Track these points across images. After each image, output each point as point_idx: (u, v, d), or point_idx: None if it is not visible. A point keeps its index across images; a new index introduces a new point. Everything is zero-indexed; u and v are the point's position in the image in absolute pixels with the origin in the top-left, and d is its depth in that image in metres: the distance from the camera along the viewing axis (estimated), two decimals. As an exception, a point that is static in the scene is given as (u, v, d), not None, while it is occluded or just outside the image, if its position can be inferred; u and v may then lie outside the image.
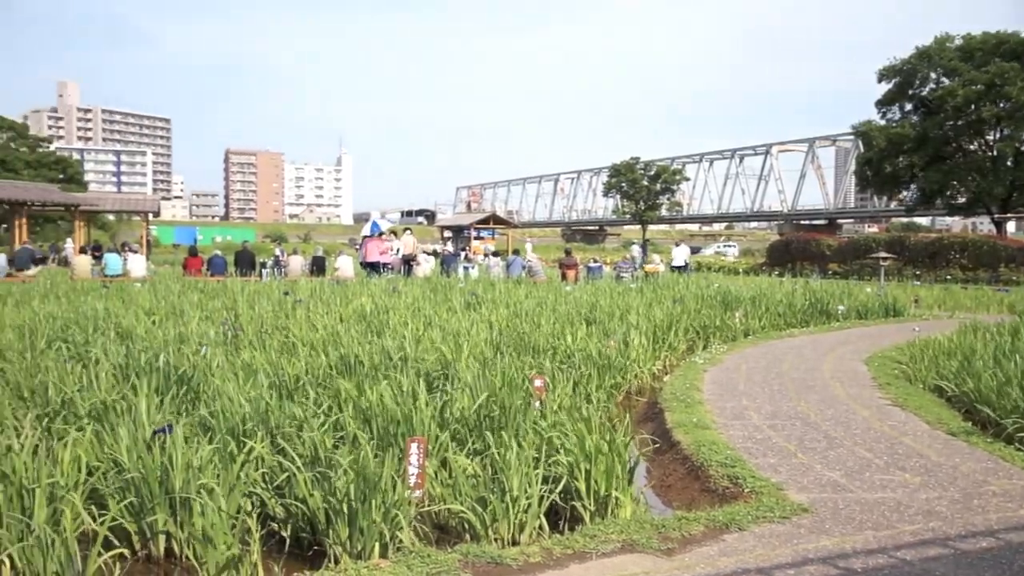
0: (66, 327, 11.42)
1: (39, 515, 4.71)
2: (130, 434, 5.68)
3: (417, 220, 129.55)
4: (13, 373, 8.18)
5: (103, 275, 24.41)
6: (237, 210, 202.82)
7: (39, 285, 18.56)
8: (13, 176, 62.76)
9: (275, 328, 11.94)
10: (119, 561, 5.02)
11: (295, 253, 29.65)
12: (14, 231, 36.93)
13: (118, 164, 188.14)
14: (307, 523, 5.40)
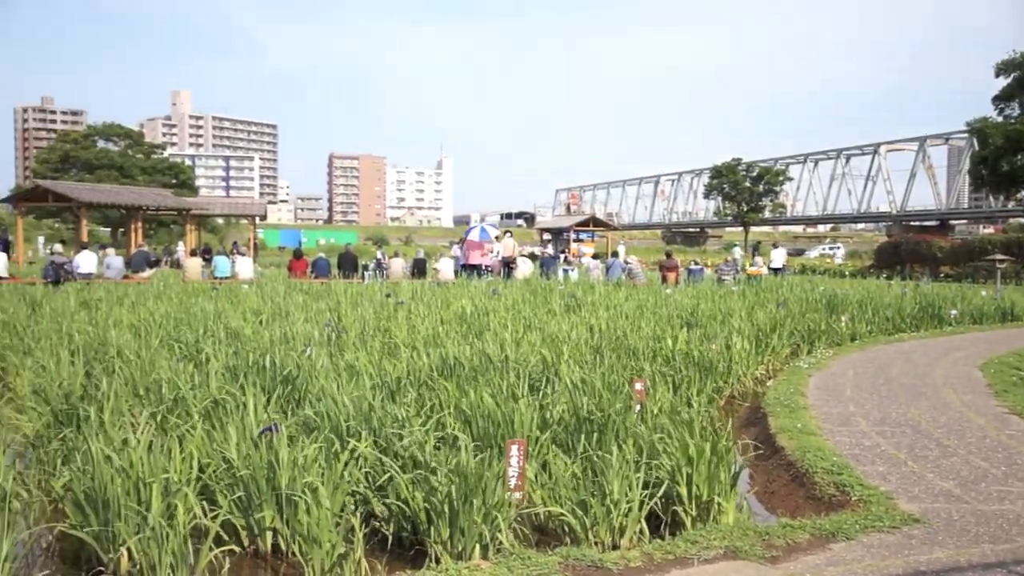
0: (178, 327, 11.80)
1: (154, 509, 4.87)
2: (239, 432, 5.83)
3: (516, 223, 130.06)
4: (130, 372, 8.48)
5: (212, 277, 25.14)
6: (340, 213, 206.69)
7: (153, 287, 19.21)
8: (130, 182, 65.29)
9: (377, 329, 12.12)
10: (228, 556, 5.16)
11: (396, 256, 30.06)
12: (130, 234, 38.36)
13: (227, 169, 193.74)
14: (409, 523, 5.46)
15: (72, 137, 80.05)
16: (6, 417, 7.64)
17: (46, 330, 11.52)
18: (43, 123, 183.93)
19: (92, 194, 36.41)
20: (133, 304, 15.07)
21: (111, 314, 13.21)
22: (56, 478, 5.99)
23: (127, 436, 5.65)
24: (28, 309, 14.63)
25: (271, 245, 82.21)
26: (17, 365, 9.67)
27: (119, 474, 5.07)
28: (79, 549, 5.27)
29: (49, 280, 21.28)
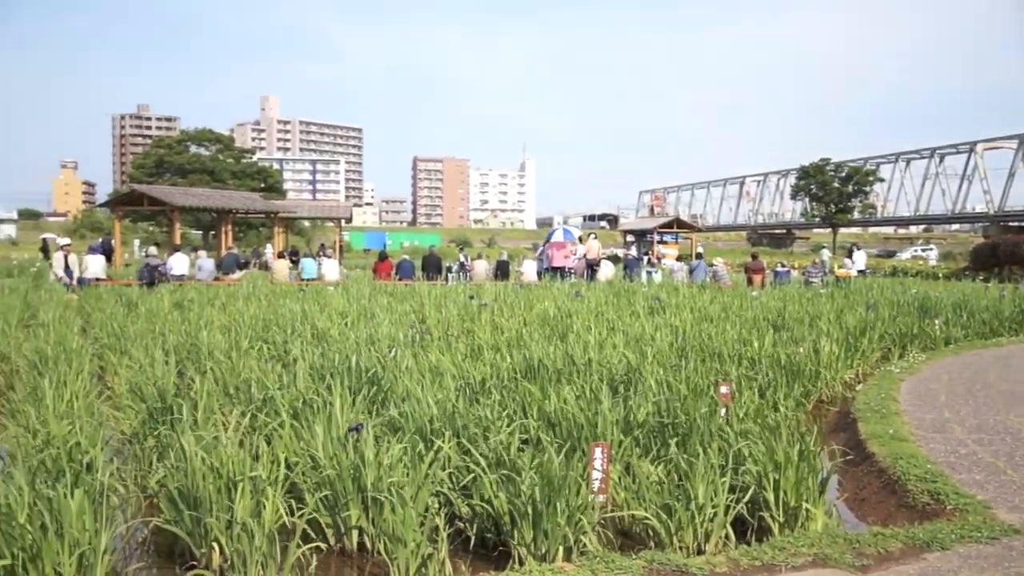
0: (266, 328, 12.04)
1: (244, 506, 4.97)
2: (325, 431, 5.92)
3: (599, 224, 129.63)
4: (220, 371, 8.68)
5: (300, 279, 25.60)
6: (424, 215, 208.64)
7: (242, 288, 19.63)
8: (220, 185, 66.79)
9: (461, 331, 12.19)
10: (315, 553, 5.24)
11: (480, 258, 30.20)
12: (221, 237, 39.22)
13: (314, 173, 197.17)
14: (492, 524, 5.47)
15: (166, 143, 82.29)
16: (105, 414, 7.88)
17: (141, 330, 11.86)
18: (139, 129, 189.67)
19: (185, 198, 37.35)
20: (223, 305, 15.41)
21: (202, 315, 13.55)
22: (151, 474, 6.16)
23: (218, 434, 5.78)
24: (125, 310, 15.09)
25: (356, 247, 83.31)
26: (115, 364, 9.97)
27: (210, 471, 5.19)
28: (173, 543, 5.41)
29: (144, 282, 21.91)
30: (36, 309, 15.70)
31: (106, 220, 77.68)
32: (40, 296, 17.98)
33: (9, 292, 18.36)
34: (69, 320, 12.94)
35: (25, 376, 8.84)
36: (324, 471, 5.55)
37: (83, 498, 4.69)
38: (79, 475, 5.29)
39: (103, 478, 5.49)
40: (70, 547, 4.48)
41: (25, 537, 4.43)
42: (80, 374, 8.28)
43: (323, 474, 5.56)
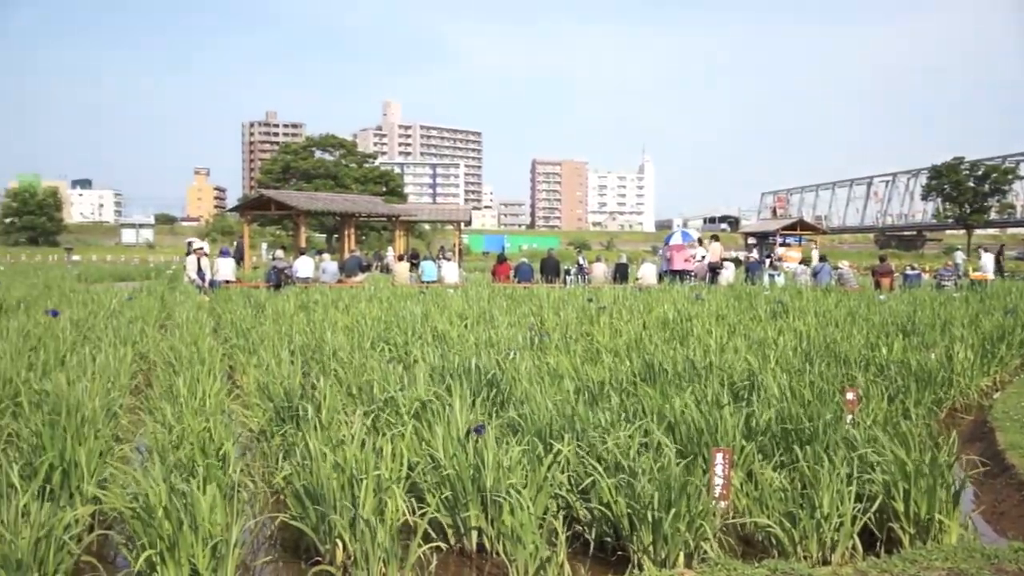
0: (388, 329, 12.25)
1: (366, 504, 5.06)
2: (445, 432, 5.98)
3: (720, 227, 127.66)
4: (343, 372, 8.88)
5: (420, 281, 25.98)
6: (542, 218, 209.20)
7: (365, 290, 20.03)
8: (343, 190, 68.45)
9: (579, 334, 12.17)
10: (436, 552, 5.30)
11: (598, 260, 30.09)
12: (344, 240, 40.12)
13: (434, 176, 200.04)
14: (611, 528, 5.44)
15: (292, 148, 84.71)
16: (235, 412, 8.15)
17: (269, 331, 12.23)
18: (267, 136, 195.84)
19: (310, 202, 38.33)
20: (346, 307, 15.75)
21: (326, 316, 13.88)
22: (278, 471, 6.33)
23: (342, 434, 5.90)
24: (253, 311, 15.59)
25: (475, 250, 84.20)
26: (244, 364, 10.29)
27: (334, 470, 5.31)
28: (299, 539, 5.55)
29: (271, 284, 22.60)
30: (171, 310, 16.37)
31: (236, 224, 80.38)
32: (175, 298, 18.74)
33: (147, 294, 19.19)
34: (202, 321, 13.43)
35: (161, 374, 9.21)
36: (444, 471, 5.61)
37: (215, 493, 4.86)
38: (211, 470, 5.48)
39: (234, 474, 5.68)
40: (204, 539, 4.65)
41: (163, 528, 4.62)
42: (212, 373, 8.58)
43: (443, 474, 5.62)
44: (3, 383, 8.01)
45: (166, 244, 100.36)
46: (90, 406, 6.44)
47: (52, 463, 5.59)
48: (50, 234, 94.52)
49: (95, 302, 16.45)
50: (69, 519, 4.78)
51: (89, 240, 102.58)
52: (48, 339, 10.51)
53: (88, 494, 5.52)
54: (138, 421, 7.98)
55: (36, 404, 6.92)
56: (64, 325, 11.88)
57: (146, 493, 4.76)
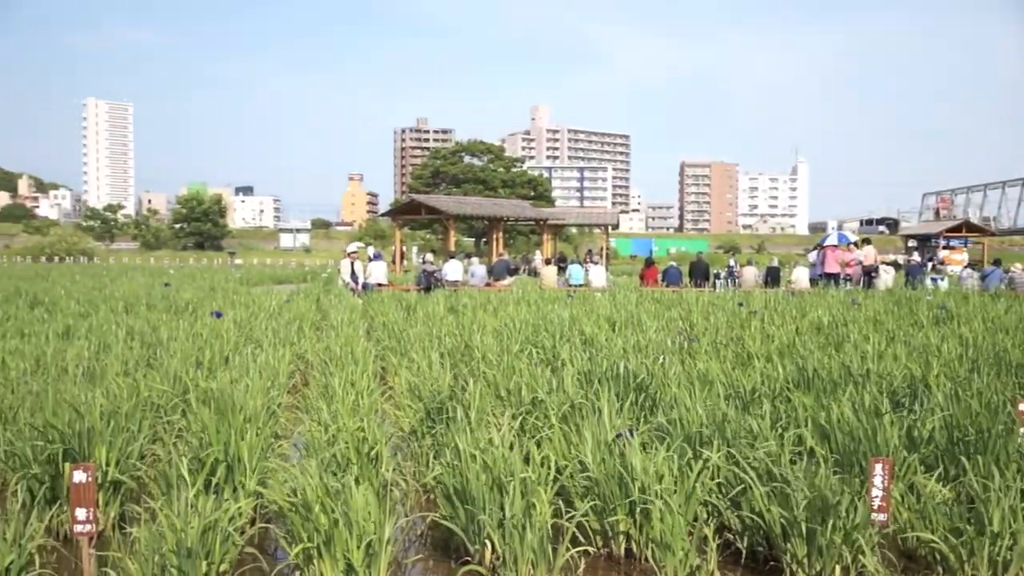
0: (535, 332, 12.31)
1: (514, 506, 5.10)
2: (593, 436, 5.96)
3: (878, 229, 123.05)
4: (492, 374, 8.97)
5: (567, 284, 26.03)
6: (691, 221, 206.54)
7: (513, 293, 20.21)
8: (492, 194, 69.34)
9: (729, 339, 11.95)
10: (584, 556, 5.29)
11: (749, 264, 29.50)
12: (492, 244, 40.67)
13: (581, 180, 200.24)
14: (763, 537, 5.31)
15: (442, 154, 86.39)
16: (387, 412, 8.35)
17: (419, 333, 12.47)
18: (418, 142, 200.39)
19: (459, 206, 39.00)
20: (495, 310, 15.92)
21: (475, 319, 14.05)
22: (428, 471, 6.45)
23: (491, 435, 5.96)
24: (404, 313, 15.95)
25: (623, 254, 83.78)
26: (395, 365, 10.53)
27: (483, 471, 5.37)
28: (448, 538, 5.63)
29: (421, 287, 23.08)
30: (327, 312, 16.91)
31: (388, 228, 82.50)
32: (330, 300, 19.35)
33: (304, 297, 19.89)
34: (355, 323, 13.82)
35: (318, 374, 9.51)
36: (592, 475, 5.59)
37: (369, 491, 4.99)
38: (365, 469, 5.63)
39: (386, 473, 5.81)
40: (358, 536, 4.78)
41: (319, 523, 4.78)
42: (365, 374, 8.82)
43: (591, 478, 5.60)
44: (174, 381, 8.45)
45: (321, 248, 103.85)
46: (252, 404, 6.71)
47: (217, 458, 5.85)
48: (215, 239, 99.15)
49: (256, 304, 17.16)
50: (233, 512, 4.99)
51: (250, 244, 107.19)
52: (213, 339, 11.02)
53: (250, 488, 5.75)
54: (296, 419, 8.28)
55: (203, 401, 7.26)
56: (228, 326, 12.44)
57: (304, 489, 4.92)
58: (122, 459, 6.04)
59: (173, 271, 37.92)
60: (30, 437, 6.07)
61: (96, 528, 4.81)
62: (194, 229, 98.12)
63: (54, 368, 9.27)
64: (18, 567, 4.58)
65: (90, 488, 4.76)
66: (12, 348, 10.35)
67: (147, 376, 8.50)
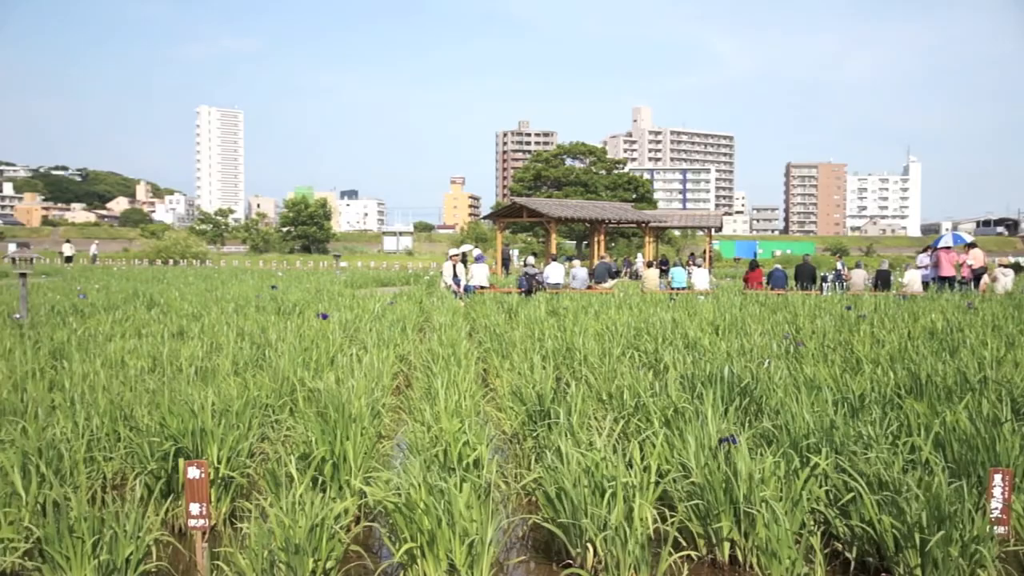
0: (637, 336, 12.23)
1: (617, 510, 5.06)
2: (697, 441, 5.88)
3: (996, 230, 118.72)
4: (594, 378, 8.94)
5: (669, 287, 25.80)
6: (796, 223, 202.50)
7: (614, 297, 20.11)
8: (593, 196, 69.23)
9: (837, 343, 11.66)
10: (687, 561, 5.23)
11: (857, 267, 28.73)
12: (593, 247, 40.56)
13: (684, 182, 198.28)
14: (873, 547, 5.16)
15: (543, 157, 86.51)
16: (488, 414, 8.40)
17: (521, 336, 12.51)
18: (519, 145, 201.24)
19: (560, 209, 39.00)
20: (596, 313, 15.87)
21: (577, 322, 14.02)
22: (530, 473, 6.46)
23: (593, 438, 5.93)
24: (505, 316, 16.02)
25: (726, 256, 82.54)
26: (497, 367, 10.58)
27: (585, 474, 5.34)
28: (549, 540, 5.63)
29: (523, 290, 23.14)
30: (429, 314, 17.11)
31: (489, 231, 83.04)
32: (432, 302, 19.57)
33: (407, 299, 20.16)
34: (457, 325, 13.94)
35: (420, 376, 9.62)
36: (695, 480, 5.52)
37: (471, 492, 5.02)
38: (467, 470, 5.66)
39: (488, 474, 5.84)
40: (460, 536, 4.81)
41: (423, 523, 4.82)
42: (467, 375, 8.88)
43: (694, 483, 5.53)
44: (281, 381, 8.65)
45: (424, 251, 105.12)
46: (356, 404, 6.82)
47: (323, 457, 5.96)
48: (320, 242, 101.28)
49: (360, 306, 17.45)
50: (340, 510, 5.08)
51: (354, 247, 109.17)
52: (319, 340, 11.25)
53: (355, 487, 5.84)
54: (399, 420, 8.40)
55: (309, 401, 7.42)
56: (333, 327, 12.68)
57: (407, 489, 4.98)
58: (233, 456, 6.21)
59: (280, 273, 38.88)
60: (147, 434, 6.29)
61: (209, 523, 4.96)
62: (300, 232, 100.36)
63: (169, 367, 9.58)
64: (136, 558, 4.75)
65: (203, 484, 4.90)
66: (131, 348, 10.75)
67: (256, 376, 8.73)
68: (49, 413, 7.09)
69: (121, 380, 8.49)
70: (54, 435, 6.20)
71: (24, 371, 8.99)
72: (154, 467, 6.10)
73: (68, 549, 4.59)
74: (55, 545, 4.60)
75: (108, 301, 18.59)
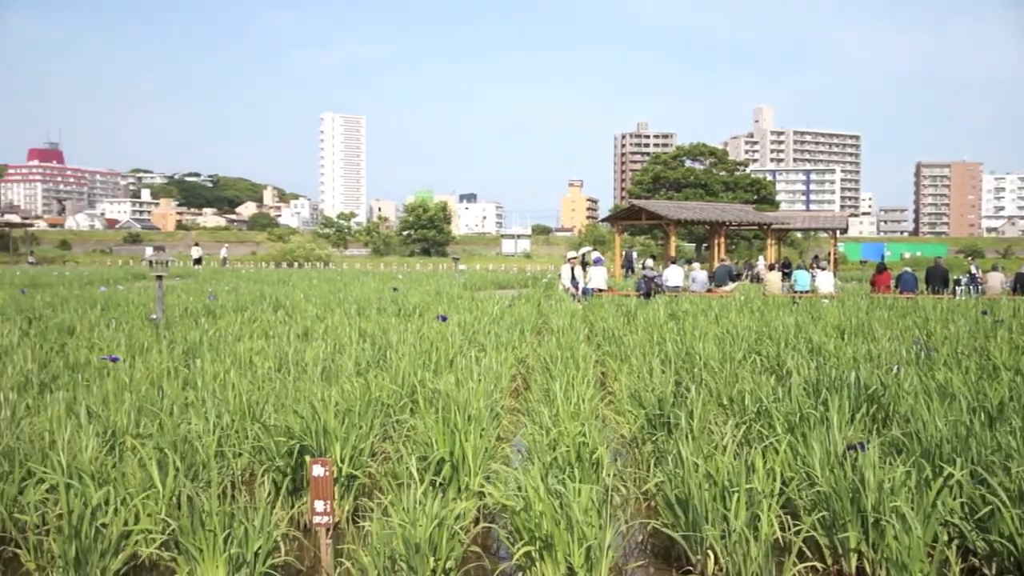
0: (759, 340, 11.98)
1: (738, 517, 4.96)
2: (823, 448, 5.72)
3: None
4: (714, 382, 8.79)
5: (792, 291, 25.21)
6: (927, 225, 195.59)
7: (735, 300, 19.76)
8: (713, 198, 68.29)
9: (972, 349, 11.18)
10: (811, 572, 5.08)
11: (994, 269, 27.54)
12: (713, 249, 40.00)
13: (807, 183, 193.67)
14: (1014, 565, 4.91)
15: (662, 159, 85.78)
16: (607, 418, 8.35)
17: (640, 339, 12.41)
18: (638, 147, 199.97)
19: (679, 211, 38.61)
20: (716, 317, 15.63)
21: (696, 326, 13.84)
22: (649, 478, 6.39)
23: (714, 443, 5.83)
24: (624, 319, 15.92)
25: (852, 259, 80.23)
26: (615, 370, 10.52)
27: (706, 480, 5.25)
28: (669, 547, 5.55)
29: (641, 293, 22.96)
30: (547, 317, 17.13)
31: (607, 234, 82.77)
32: (550, 305, 19.59)
33: (525, 301, 20.24)
34: (575, 328, 13.92)
35: (538, 378, 9.64)
36: (820, 489, 5.36)
37: (590, 495, 4.99)
38: (586, 473, 5.63)
39: (607, 478, 5.80)
40: (579, 540, 4.79)
41: (541, 526, 4.82)
42: (585, 379, 8.84)
43: (819, 492, 5.37)
44: (402, 381, 8.79)
45: (541, 253, 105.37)
46: (475, 406, 6.87)
47: (443, 457, 6.02)
48: (439, 245, 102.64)
49: (478, 308, 17.60)
50: (459, 511, 5.12)
51: (473, 250, 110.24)
52: (439, 342, 11.39)
53: (474, 488, 5.88)
54: (517, 422, 8.42)
55: (429, 402, 7.51)
56: (452, 329, 12.82)
57: (526, 491, 4.98)
58: (355, 455, 6.33)
59: (401, 276, 39.56)
60: (274, 432, 6.47)
61: (332, 520, 5.06)
62: (420, 236, 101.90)
63: (294, 367, 9.84)
64: (265, 552, 4.88)
65: (328, 482, 5.01)
66: (258, 348, 11.08)
67: (377, 376, 8.88)
68: (183, 410, 7.37)
69: (249, 379, 8.76)
70: (187, 431, 6.44)
71: (160, 369, 9.37)
72: (280, 464, 6.27)
73: (201, 541, 4.75)
74: (189, 537, 4.77)
75: (237, 303, 19.24)
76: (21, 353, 10.43)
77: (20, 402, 7.60)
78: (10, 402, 7.44)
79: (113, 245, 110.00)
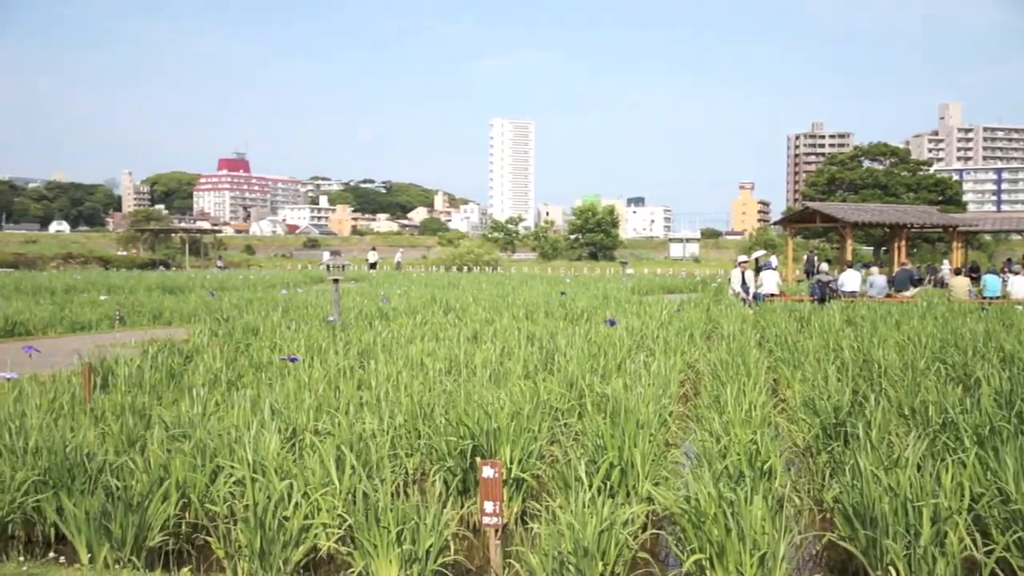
0: (943, 348, 11.41)
1: (924, 532, 4.72)
2: (1017, 463, 5.38)
3: None
4: (895, 391, 8.42)
5: (981, 297, 23.89)
6: None
7: (917, 306, 18.89)
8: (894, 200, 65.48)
9: None
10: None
11: None
12: (893, 253, 38.32)
13: (998, 182, 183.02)
14: None
15: (838, 159, 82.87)
16: (780, 426, 8.12)
17: (814, 346, 12.02)
18: (812, 148, 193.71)
19: (857, 213, 37.19)
20: (897, 323, 14.99)
21: (875, 332, 13.30)
22: (825, 489, 6.18)
23: (896, 455, 5.59)
24: (797, 325, 15.47)
25: (1046, 262, 75.32)
26: (788, 377, 10.23)
27: (887, 493, 5.03)
28: (845, 560, 5.36)
29: (815, 298, 22.26)
30: (717, 322, 16.83)
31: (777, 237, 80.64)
32: (720, 310, 19.24)
33: (694, 306, 19.95)
34: (746, 333, 13.62)
35: (708, 384, 9.47)
36: (1016, 507, 5.04)
37: (763, 504, 4.86)
38: (758, 482, 5.50)
39: (780, 488, 5.65)
40: (751, 549, 4.67)
41: (712, 534, 4.73)
42: (757, 385, 8.64)
43: (1015, 510, 5.05)
44: (570, 385, 8.81)
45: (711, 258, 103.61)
46: (644, 411, 6.81)
47: (612, 462, 6.00)
48: (607, 249, 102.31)
49: (647, 312, 17.46)
50: (628, 516, 5.09)
51: (641, 254, 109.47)
52: (607, 346, 11.36)
53: (642, 494, 5.84)
54: (686, 428, 8.30)
55: (598, 406, 7.50)
56: (620, 334, 12.76)
57: (696, 498, 4.90)
58: (524, 458, 6.39)
59: (568, 280, 39.67)
60: (445, 433, 6.60)
61: (501, 521, 5.12)
62: (588, 240, 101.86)
63: (464, 370, 10.02)
64: (436, 550, 4.99)
65: (497, 483, 5.07)
66: (429, 350, 11.34)
67: (546, 380, 8.94)
68: (358, 409, 7.62)
69: (421, 381, 8.97)
70: (363, 430, 6.65)
71: (337, 369, 9.73)
72: (451, 464, 6.39)
73: (375, 537, 4.90)
74: (364, 532, 4.93)
75: (408, 306, 19.75)
76: (211, 352, 11.05)
77: (210, 398, 8.04)
78: (201, 398, 7.89)
79: (293, 250, 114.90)
